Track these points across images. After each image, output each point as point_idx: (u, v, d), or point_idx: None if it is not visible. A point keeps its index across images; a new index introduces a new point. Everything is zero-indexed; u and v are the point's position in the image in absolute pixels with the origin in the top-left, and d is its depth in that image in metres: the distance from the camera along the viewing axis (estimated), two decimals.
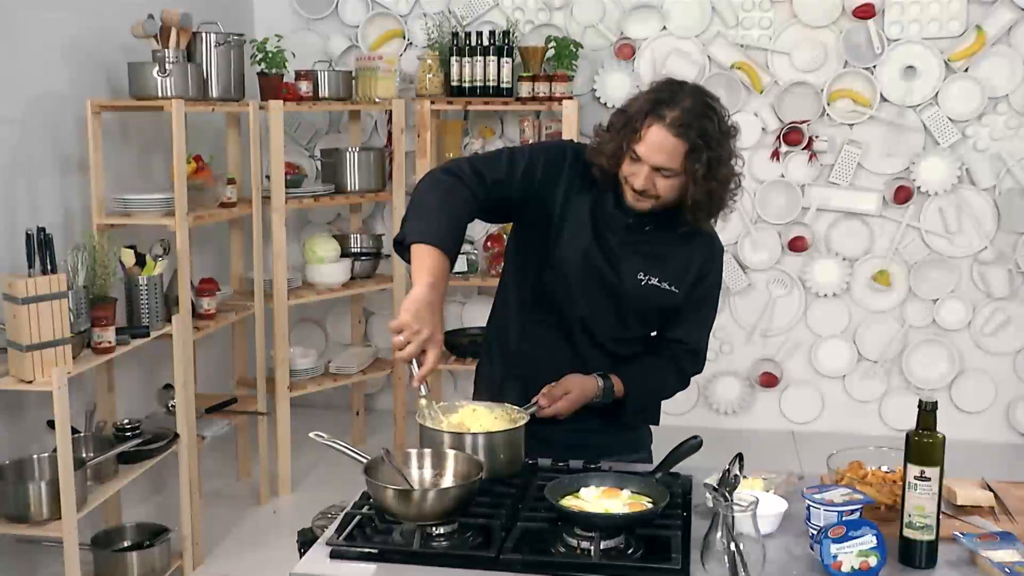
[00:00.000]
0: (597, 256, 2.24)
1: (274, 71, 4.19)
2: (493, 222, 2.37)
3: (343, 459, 1.96)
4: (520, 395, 2.20)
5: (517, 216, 2.31)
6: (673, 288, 2.25)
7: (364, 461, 1.86)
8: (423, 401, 2.01)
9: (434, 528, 1.75)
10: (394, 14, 5.05)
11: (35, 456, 3.10)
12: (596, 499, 1.86)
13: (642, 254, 2.24)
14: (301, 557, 1.78)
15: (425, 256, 2.01)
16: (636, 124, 2.09)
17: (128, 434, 3.29)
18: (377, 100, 4.50)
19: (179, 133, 3.50)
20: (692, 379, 2.45)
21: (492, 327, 2.43)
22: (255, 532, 3.93)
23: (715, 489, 1.60)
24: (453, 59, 4.61)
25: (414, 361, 1.93)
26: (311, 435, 1.98)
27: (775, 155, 4.86)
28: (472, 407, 2.13)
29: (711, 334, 2.43)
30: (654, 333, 2.39)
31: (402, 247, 2.07)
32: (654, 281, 2.24)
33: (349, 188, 4.49)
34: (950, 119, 4.71)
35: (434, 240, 2.02)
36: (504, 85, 4.61)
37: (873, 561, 1.66)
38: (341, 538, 1.76)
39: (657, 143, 2.07)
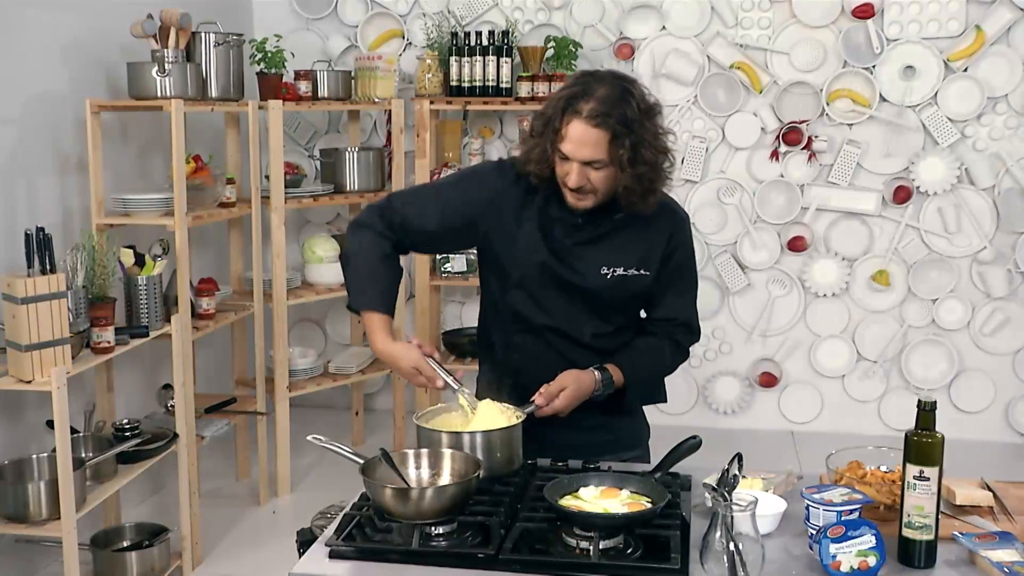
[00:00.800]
0: (554, 264, 2.23)
1: (273, 71, 4.19)
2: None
3: (342, 459, 1.96)
4: (519, 400, 2.19)
5: (468, 241, 2.35)
6: (642, 272, 2.23)
7: (362, 462, 1.86)
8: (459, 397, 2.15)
9: (433, 527, 1.75)
10: (393, 14, 5.05)
11: (34, 456, 3.10)
12: (595, 499, 1.86)
13: (601, 248, 2.23)
14: (300, 557, 1.78)
15: (374, 319, 2.20)
16: (556, 124, 2.11)
17: (127, 434, 3.29)
18: (376, 100, 4.50)
19: (178, 133, 3.50)
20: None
21: (480, 338, 2.44)
22: (254, 532, 3.93)
23: (714, 489, 1.60)
24: (452, 59, 4.61)
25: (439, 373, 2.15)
26: (309, 438, 1.99)
27: (774, 155, 4.86)
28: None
29: (697, 304, 2.38)
30: (643, 314, 2.37)
31: (351, 310, 2.28)
32: (619, 271, 2.22)
33: (348, 188, 4.49)
34: (949, 119, 4.71)
35: (376, 306, 2.21)
36: (503, 85, 4.62)
37: (872, 561, 1.66)
38: (340, 538, 1.76)
39: (579, 138, 2.07)
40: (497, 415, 2.10)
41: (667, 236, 2.25)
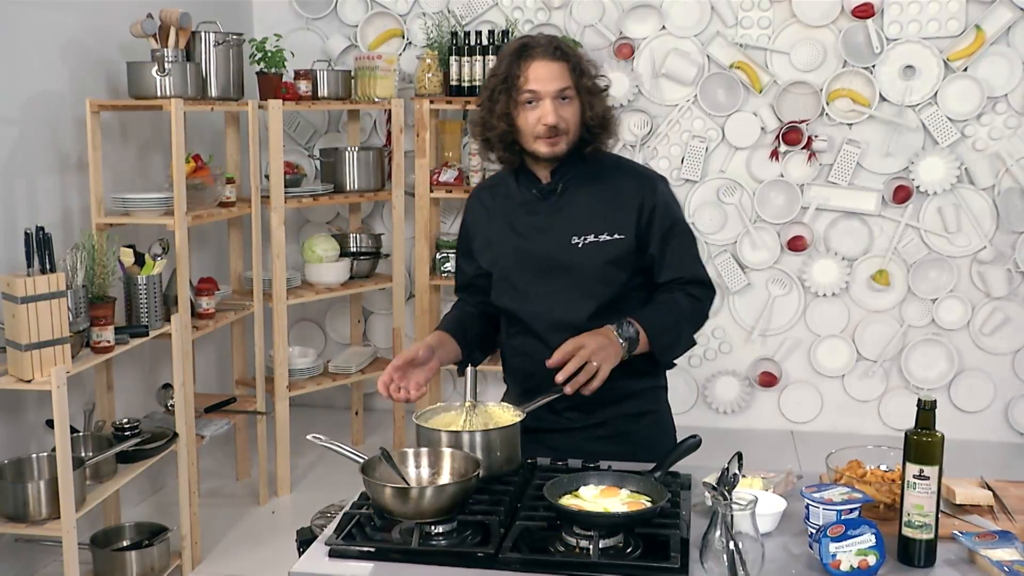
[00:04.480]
0: (523, 245, 2.25)
1: (273, 70, 4.19)
2: None
3: (342, 459, 1.96)
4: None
5: None
6: (617, 236, 2.20)
7: (361, 461, 1.86)
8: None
9: (433, 527, 1.75)
10: (393, 13, 5.05)
11: (34, 455, 3.10)
12: (595, 498, 1.85)
13: (566, 218, 2.23)
14: (300, 556, 1.78)
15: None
16: (514, 73, 2.17)
17: (127, 433, 3.29)
18: (376, 99, 4.50)
19: (178, 132, 3.50)
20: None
21: (501, 357, 2.46)
22: (254, 531, 3.93)
23: (714, 488, 1.60)
24: (452, 58, 4.61)
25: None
26: (309, 437, 1.99)
27: (774, 155, 4.86)
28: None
29: (700, 259, 2.31)
30: (641, 292, 2.29)
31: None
32: (591, 238, 2.20)
33: (348, 187, 4.49)
34: (949, 119, 4.71)
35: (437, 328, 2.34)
36: None
37: (872, 560, 1.66)
38: (340, 537, 1.76)
39: (544, 73, 2.15)
40: (496, 414, 2.10)
41: (640, 199, 2.22)
